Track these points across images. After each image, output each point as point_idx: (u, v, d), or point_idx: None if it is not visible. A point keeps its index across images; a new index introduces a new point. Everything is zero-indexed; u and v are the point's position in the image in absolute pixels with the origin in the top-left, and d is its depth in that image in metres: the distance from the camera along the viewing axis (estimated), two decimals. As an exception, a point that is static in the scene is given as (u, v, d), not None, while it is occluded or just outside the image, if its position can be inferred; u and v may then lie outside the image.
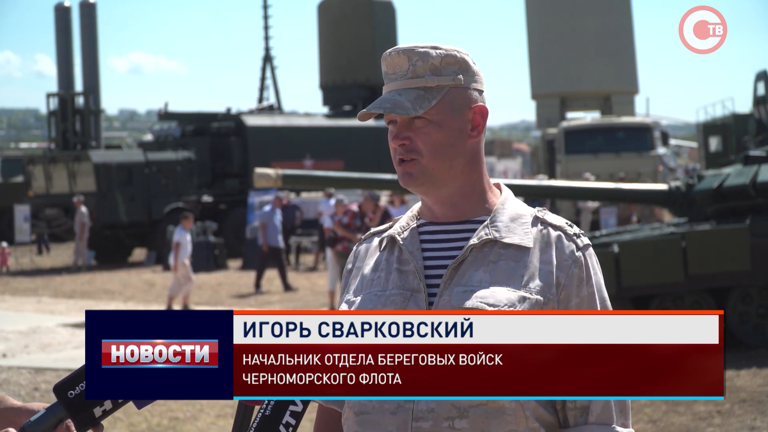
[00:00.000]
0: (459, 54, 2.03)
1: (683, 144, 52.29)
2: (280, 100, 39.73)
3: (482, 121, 2.05)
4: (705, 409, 7.66)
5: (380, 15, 32.86)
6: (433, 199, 2.06)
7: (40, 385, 9.66)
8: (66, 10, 29.88)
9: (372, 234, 2.18)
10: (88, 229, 22.60)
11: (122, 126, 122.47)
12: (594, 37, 32.52)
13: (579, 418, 1.94)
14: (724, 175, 10.44)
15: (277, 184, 11.08)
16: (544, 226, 2.02)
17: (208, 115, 29.40)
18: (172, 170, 25.53)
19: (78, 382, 1.79)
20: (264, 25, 41.16)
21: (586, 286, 1.98)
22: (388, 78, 2.04)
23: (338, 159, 27.80)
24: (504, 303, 1.92)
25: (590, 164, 22.54)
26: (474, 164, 2.05)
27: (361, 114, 2.06)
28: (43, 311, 15.33)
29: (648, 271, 9.70)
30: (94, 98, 29.55)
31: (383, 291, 2.02)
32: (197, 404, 8.44)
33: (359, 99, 31.83)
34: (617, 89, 32.68)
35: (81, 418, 1.79)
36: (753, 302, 9.98)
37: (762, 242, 9.70)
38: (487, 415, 1.89)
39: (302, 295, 16.57)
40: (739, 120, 24.66)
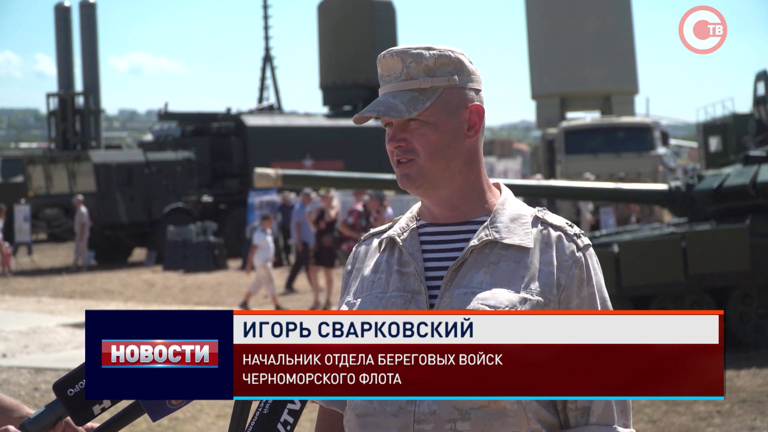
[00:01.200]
0: (453, 54, 2.02)
1: (683, 144, 52.27)
2: (280, 100, 39.75)
3: (479, 121, 2.04)
4: (705, 409, 7.66)
5: (380, 15, 32.87)
6: (432, 201, 2.05)
7: (40, 385, 9.66)
8: (66, 10, 29.88)
9: (371, 235, 2.17)
10: (88, 229, 22.60)
11: (122, 126, 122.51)
12: (594, 37, 32.50)
13: (580, 419, 1.94)
14: (724, 175, 10.43)
15: (277, 184, 11.07)
16: (544, 227, 2.02)
17: (208, 115, 29.40)
18: (172, 170, 25.52)
19: (77, 380, 1.79)
20: (264, 25, 41.18)
21: (587, 287, 1.97)
22: (383, 80, 2.04)
23: (338, 159, 27.80)
24: (505, 305, 1.92)
25: (590, 164, 22.54)
26: (472, 164, 2.04)
27: (356, 117, 2.06)
28: (43, 311, 15.32)
29: (648, 271, 9.70)
30: (94, 98, 29.55)
31: (384, 293, 2.02)
32: (197, 404, 8.44)
33: (359, 99, 31.83)
34: (617, 89, 32.67)
35: (80, 415, 1.79)
36: (753, 302, 9.98)
37: (762, 242, 9.70)
38: (488, 417, 1.89)
39: (302, 295, 16.57)
40: (739, 120, 24.65)
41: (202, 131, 28.29)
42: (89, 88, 29.47)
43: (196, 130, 28.44)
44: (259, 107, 32.61)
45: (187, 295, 17.18)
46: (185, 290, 17.91)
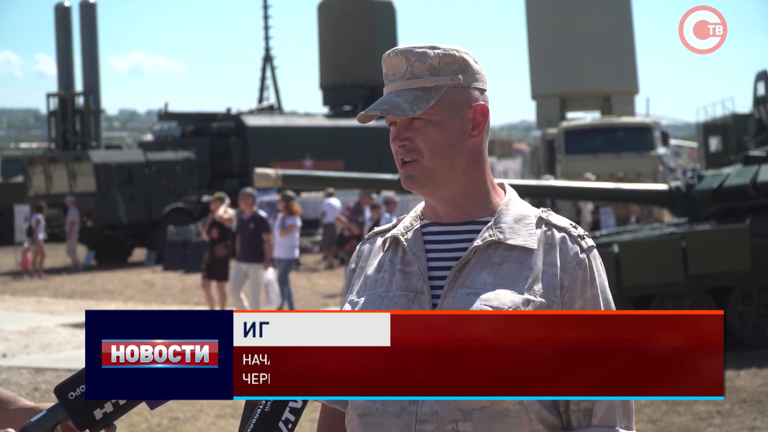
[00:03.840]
0: (458, 53, 2.01)
1: (683, 144, 52.27)
2: (280, 100, 39.79)
3: (483, 120, 2.03)
4: (705, 409, 7.66)
5: (380, 15, 32.90)
6: (436, 200, 2.05)
7: (40, 385, 9.65)
8: (66, 10, 29.90)
9: (375, 234, 2.17)
10: (77, 229, 22.60)
11: (122, 126, 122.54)
12: (594, 37, 32.50)
13: (582, 421, 1.94)
14: (724, 175, 10.43)
15: (277, 184, 11.08)
16: (548, 228, 2.01)
17: (208, 115, 29.42)
18: (172, 170, 25.53)
19: (79, 383, 1.78)
20: (264, 25, 41.21)
21: (590, 288, 1.97)
22: (388, 79, 2.03)
23: (338, 159, 27.82)
24: (508, 306, 1.91)
25: (590, 164, 22.53)
26: (476, 164, 2.03)
27: (360, 116, 2.05)
28: (43, 311, 15.32)
29: (648, 271, 9.69)
30: (94, 98, 29.56)
31: (387, 292, 2.02)
32: (197, 404, 8.44)
33: (359, 99, 31.84)
34: (617, 89, 32.66)
35: (81, 420, 1.78)
36: (753, 302, 9.98)
37: (762, 242, 9.70)
38: (491, 417, 1.88)
39: (302, 295, 16.56)
40: (739, 120, 24.67)
41: (202, 131, 28.31)
42: (89, 88, 29.48)
43: (196, 130, 28.46)
44: (259, 107, 32.64)
45: (187, 295, 17.18)
46: (185, 290, 17.90)
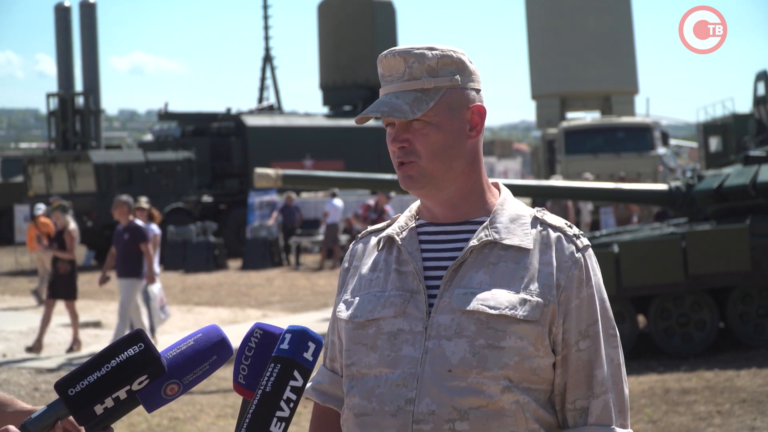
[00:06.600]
0: (455, 54, 2.01)
1: (683, 144, 52.25)
2: (280, 100, 39.77)
3: (480, 121, 2.03)
4: (705, 409, 7.66)
5: (380, 15, 32.88)
6: (434, 201, 2.04)
7: (40, 385, 9.66)
8: (66, 10, 29.90)
9: (369, 233, 2.15)
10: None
11: (122, 126, 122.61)
12: (594, 37, 32.51)
13: (578, 419, 1.94)
14: (724, 175, 10.42)
15: (277, 184, 11.06)
16: (543, 227, 2.01)
17: (208, 115, 29.41)
18: (172, 170, 25.53)
19: (79, 379, 1.77)
20: (264, 25, 41.19)
21: (586, 288, 1.97)
22: (385, 80, 2.02)
23: (338, 159, 27.80)
24: (505, 305, 1.91)
25: (590, 164, 22.53)
26: (474, 164, 2.03)
27: (359, 118, 2.04)
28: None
29: (648, 271, 9.68)
30: (94, 98, 29.56)
31: (382, 291, 2.01)
32: (197, 404, 8.44)
33: (359, 99, 31.83)
34: (617, 89, 32.68)
35: (82, 415, 1.78)
36: (753, 302, 9.97)
37: (762, 242, 9.69)
38: (487, 417, 1.88)
39: (302, 296, 16.56)
40: (739, 120, 24.69)
41: (202, 131, 28.30)
42: (89, 88, 29.48)
43: (196, 130, 28.45)
44: (259, 107, 32.63)
45: (187, 295, 17.18)
46: (185, 290, 17.91)
